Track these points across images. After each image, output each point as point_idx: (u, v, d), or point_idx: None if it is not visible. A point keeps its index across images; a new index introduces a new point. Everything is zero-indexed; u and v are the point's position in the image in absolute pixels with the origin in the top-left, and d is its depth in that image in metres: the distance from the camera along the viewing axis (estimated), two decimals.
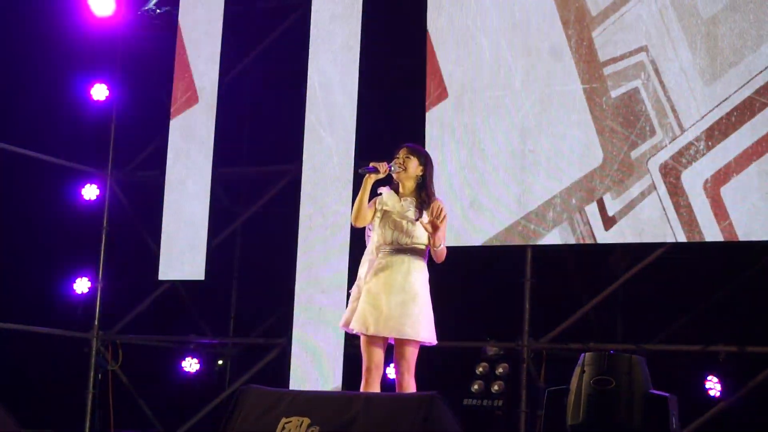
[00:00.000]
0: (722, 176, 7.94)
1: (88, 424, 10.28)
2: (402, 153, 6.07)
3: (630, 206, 8.22)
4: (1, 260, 9.81)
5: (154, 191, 10.17)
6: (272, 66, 10.54)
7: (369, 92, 9.53)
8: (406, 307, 5.91)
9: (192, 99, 10.02)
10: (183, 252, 9.87)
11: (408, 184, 6.07)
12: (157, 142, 10.38)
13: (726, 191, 7.90)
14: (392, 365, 6.04)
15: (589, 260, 9.01)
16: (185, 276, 9.89)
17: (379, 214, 6.01)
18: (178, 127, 10.06)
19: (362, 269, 6.05)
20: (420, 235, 6.01)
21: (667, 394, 5.27)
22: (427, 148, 8.85)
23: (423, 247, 6.03)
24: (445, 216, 5.88)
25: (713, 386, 8.59)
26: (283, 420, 4.80)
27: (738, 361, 8.27)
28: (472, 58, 8.89)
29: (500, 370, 8.77)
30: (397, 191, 6.07)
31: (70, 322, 10.45)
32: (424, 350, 9.22)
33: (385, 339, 5.93)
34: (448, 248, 6.29)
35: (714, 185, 7.96)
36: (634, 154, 8.25)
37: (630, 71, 8.32)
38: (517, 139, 8.66)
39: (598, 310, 8.76)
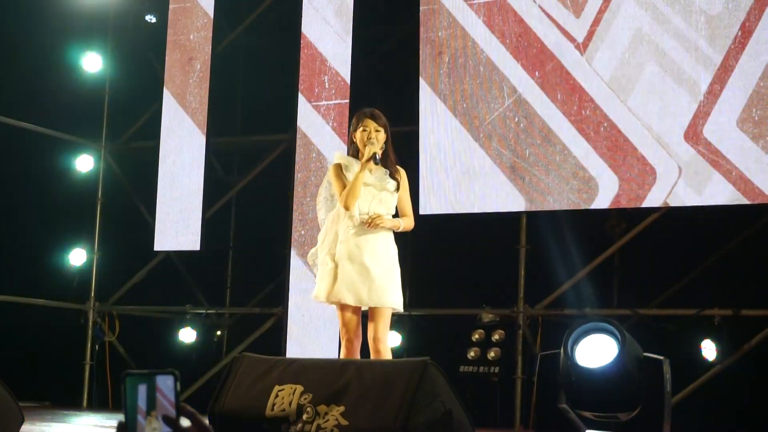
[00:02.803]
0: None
1: (85, 395, 10.31)
2: (371, 126, 6.00)
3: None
4: None
5: (148, 162, 10.16)
6: (265, 35, 10.50)
7: (362, 61, 9.50)
8: (391, 277, 5.95)
9: (185, 69, 9.99)
10: (178, 222, 9.86)
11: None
12: (151, 112, 10.35)
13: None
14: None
15: (584, 226, 9.01)
16: (180, 246, 9.89)
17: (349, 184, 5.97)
18: (171, 97, 10.03)
19: (329, 236, 6.01)
20: (393, 206, 6.04)
21: (661, 357, 5.27)
22: (421, 116, 8.88)
23: (392, 217, 6.06)
24: (379, 217, 5.88)
25: (708, 350, 8.60)
26: (276, 387, 4.79)
27: (733, 324, 8.29)
28: (465, 24, 8.86)
29: (496, 337, 8.79)
30: (355, 157, 6.03)
31: (67, 293, 10.46)
32: (421, 318, 9.26)
33: (360, 308, 5.95)
34: (444, 215, 6.31)
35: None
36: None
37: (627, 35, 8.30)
38: (511, 106, 8.65)
39: (594, 275, 8.78)
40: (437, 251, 9.35)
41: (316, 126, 9.37)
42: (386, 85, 9.70)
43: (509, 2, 8.71)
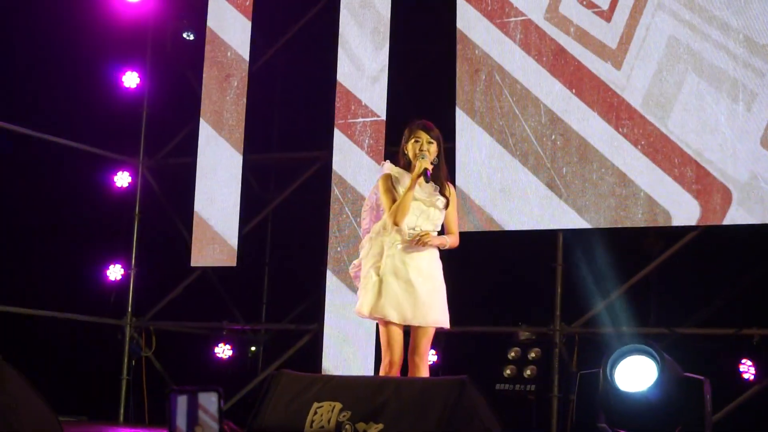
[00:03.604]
0: None
1: (122, 411, 10.34)
2: (424, 138, 5.90)
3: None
4: (34, 248, 9.88)
5: (185, 178, 10.20)
6: (302, 52, 10.54)
7: (399, 78, 9.52)
8: (436, 295, 5.86)
9: (222, 86, 10.05)
10: (214, 239, 9.90)
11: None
12: (188, 129, 10.41)
13: None
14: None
15: (621, 243, 8.97)
16: (217, 262, 9.92)
17: (398, 197, 5.88)
18: (208, 114, 10.09)
19: (375, 249, 5.90)
20: (440, 223, 5.93)
21: (702, 377, 5.23)
22: (457, 133, 8.89)
23: (438, 233, 5.97)
24: (427, 234, 5.82)
25: (747, 369, 8.53)
26: (315, 404, 4.80)
27: None
28: (501, 41, 8.86)
29: (532, 354, 8.76)
30: (406, 169, 5.91)
31: (104, 309, 10.51)
32: (457, 336, 9.24)
33: (404, 325, 5.85)
34: (480, 233, 6.23)
35: None
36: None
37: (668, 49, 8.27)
38: (548, 124, 8.63)
39: (631, 293, 8.73)
40: (473, 269, 9.32)
41: (353, 143, 9.39)
42: (422, 102, 9.71)
43: (543, 29, 8.70)
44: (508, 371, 8.74)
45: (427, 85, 9.83)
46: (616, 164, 8.35)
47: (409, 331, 5.92)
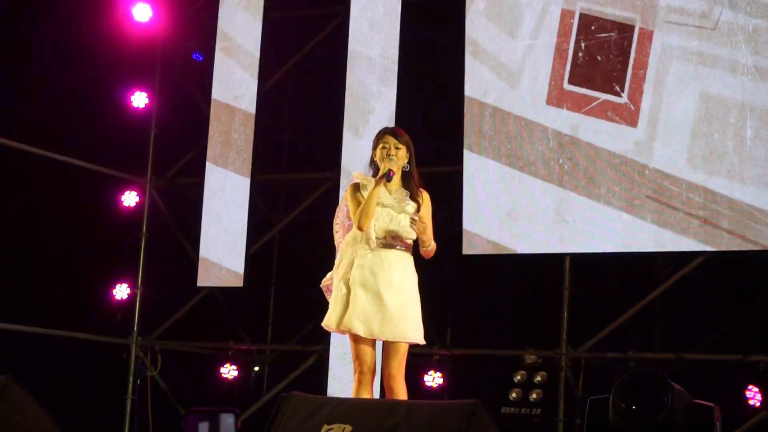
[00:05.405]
0: None
1: (126, 430, 10.33)
2: (391, 143, 5.74)
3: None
4: (42, 266, 9.89)
5: (193, 198, 10.22)
6: (311, 73, 10.58)
7: (407, 100, 9.55)
8: (407, 309, 5.67)
9: (231, 107, 10.07)
10: (221, 259, 9.90)
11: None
12: (196, 149, 10.44)
13: None
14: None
15: (628, 268, 8.97)
16: (223, 283, 9.92)
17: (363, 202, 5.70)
18: (216, 134, 10.11)
19: (345, 260, 5.79)
20: (412, 231, 5.74)
21: (711, 404, 5.23)
22: (465, 156, 8.90)
23: (412, 242, 5.80)
24: (423, 219, 5.64)
25: (753, 396, 8.53)
26: (325, 427, 4.79)
27: None
28: (510, 64, 8.88)
29: (538, 378, 8.76)
30: (375, 176, 5.75)
31: (110, 328, 10.51)
32: (463, 358, 9.23)
33: (374, 340, 5.69)
34: (487, 256, 6.15)
35: None
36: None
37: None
38: (555, 148, 8.64)
39: (637, 318, 8.72)
40: (480, 292, 9.34)
41: (361, 164, 9.39)
42: (430, 124, 9.74)
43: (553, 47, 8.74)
44: (513, 394, 8.73)
45: (435, 106, 9.86)
46: (624, 188, 8.36)
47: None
